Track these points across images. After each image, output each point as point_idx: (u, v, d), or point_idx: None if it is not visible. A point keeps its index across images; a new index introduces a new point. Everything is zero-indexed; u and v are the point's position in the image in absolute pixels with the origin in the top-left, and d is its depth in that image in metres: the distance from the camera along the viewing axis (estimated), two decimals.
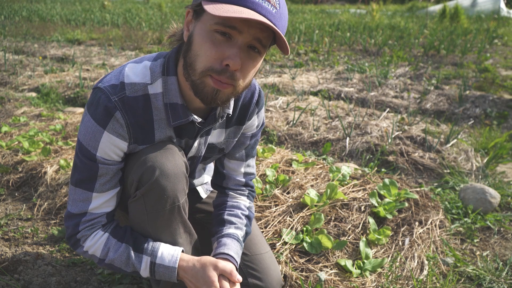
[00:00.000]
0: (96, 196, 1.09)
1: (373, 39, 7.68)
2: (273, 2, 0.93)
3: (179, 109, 1.08)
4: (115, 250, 1.11)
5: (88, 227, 1.12)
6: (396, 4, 19.53)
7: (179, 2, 19.69)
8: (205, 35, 0.94)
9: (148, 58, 1.12)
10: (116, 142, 1.06)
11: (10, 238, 1.87)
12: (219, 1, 0.91)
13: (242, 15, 0.85)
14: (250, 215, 1.36)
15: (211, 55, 0.94)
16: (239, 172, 1.38)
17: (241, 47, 0.94)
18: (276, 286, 1.34)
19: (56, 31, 9.17)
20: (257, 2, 0.90)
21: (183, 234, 1.17)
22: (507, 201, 2.29)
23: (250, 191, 1.42)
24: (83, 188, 1.09)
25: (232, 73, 0.95)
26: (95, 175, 1.07)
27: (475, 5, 13.63)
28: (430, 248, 1.83)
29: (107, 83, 1.05)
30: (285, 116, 3.49)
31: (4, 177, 2.36)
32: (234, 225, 1.29)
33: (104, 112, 1.02)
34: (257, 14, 0.89)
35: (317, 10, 16.57)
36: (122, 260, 1.11)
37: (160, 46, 7.44)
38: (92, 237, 1.12)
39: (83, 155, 1.06)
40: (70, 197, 1.11)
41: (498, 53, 6.78)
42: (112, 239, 1.13)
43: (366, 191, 2.11)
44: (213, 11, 0.86)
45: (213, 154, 1.31)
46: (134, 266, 1.11)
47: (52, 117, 3.40)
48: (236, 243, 1.23)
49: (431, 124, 3.46)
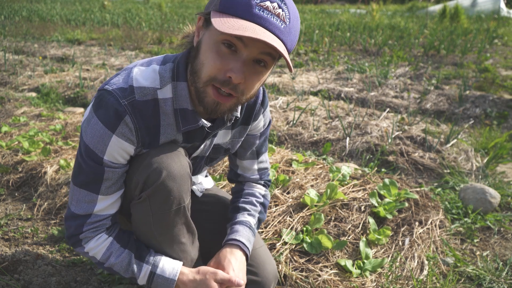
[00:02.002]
0: (101, 198, 1.09)
1: (373, 39, 7.68)
2: (283, 17, 0.92)
3: (189, 114, 1.08)
4: (117, 255, 1.12)
5: (92, 229, 1.11)
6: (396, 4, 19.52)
7: (179, 2, 19.70)
8: (212, 45, 0.95)
9: (156, 61, 1.11)
10: (124, 146, 1.05)
11: (10, 238, 1.87)
12: (228, 13, 0.90)
13: (245, 33, 0.85)
14: (265, 202, 1.42)
15: (216, 65, 0.95)
16: (252, 169, 1.42)
17: (246, 61, 0.95)
18: (272, 280, 1.35)
19: (56, 31, 9.17)
20: (265, 17, 0.90)
21: (186, 234, 1.18)
22: (507, 201, 2.29)
23: (265, 181, 1.48)
24: (88, 190, 1.08)
25: (235, 85, 0.96)
26: (101, 178, 1.06)
27: (475, 5, 13.63)
28: (430, 248, 1.83)
29: (115, 85, 1.04)
30: (285, 116, 3.49)
31: (4, 177, 2.36)
32: (248, 212, 1.34)
33: (114, 116, 1.01)
34: (262, 31, 0.88)
35: (317, 10, 16.57)
36: (123, 266, 1.12)
37: (160, 46, 7.44)
38: (95, 239, 1.11)
39: (89, 157, 1.04)
40: (74, 198, 1.10)
41: (498, 53, 6.78)
42: (116, 244, 1.12)
43: (366, 191, 2.11)
44: (218, 26, 0.86)
45: (219, 154, 1.32)
46: (133, 273, 1.12)
47: (52, 117, 3.40)
48: (247, 229, 1.28)
49: (431, 124, 3.46)
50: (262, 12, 0.89)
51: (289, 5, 0.93)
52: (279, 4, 0.91)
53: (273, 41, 0.88)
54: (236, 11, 0.90)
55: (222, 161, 2.42)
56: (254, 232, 1.32)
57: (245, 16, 0.89)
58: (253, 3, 0.89)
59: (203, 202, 1.50)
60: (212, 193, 1.55)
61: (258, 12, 0.89)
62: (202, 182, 1.56)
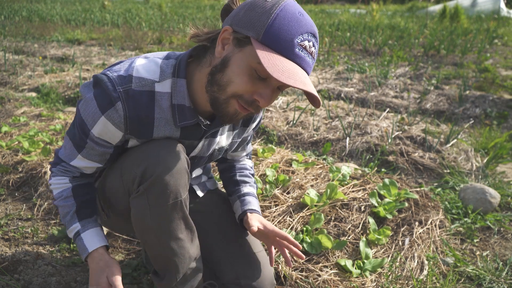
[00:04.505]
0: (80, 158, 1.17)
1: (373, 39, 7.68)
2: (314, 54, 0.98)
3: (186, 111, 1.10)
4: (65, 201, 1.21)
5: (62, 170, 1.22)
6: (396, 4, 19.51)
7: (179, 2, 19.70)
8: (244, 67, 0.97)
9: (160, 55, 1.14)
10: (111, 129, 1.09)
11: (10, 238, 1.87)
12: (271, 48, 0.94)
13: (296, 84, 0.90)
14: (253, 173, 1.58)
15: (246, 88, 0.99)
16: (242, 156, 1.55)
17: (274, 88, 1.01)
18: (268, 286, 1.34)
19: (56, 31, 9.17)
20: (303, 57, 0.96)
21: (184, 230, 1.18)
22: (507, 201, 2.29)
23: (249, 154, 1.59)
24: (73, 145, 1.16)
25: (258, 106, 1.02)
26: (83, 145, 1.14)
27: (475, 5, 13.63)
28: (430, 248, 1.83)
29: (115, 73, 1.07)
30: (285, 116, 3.49)
31: (4, 177, 2.36)
32: (249, 183, 1.48)
33: (107, 100, 1.05)
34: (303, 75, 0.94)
35: (317, 10, 16.57)
36: (63, 212, 1.22)
37: (160, 46, 7.44)
38: (58, 178, 1.22)
39: (79, 125, 1.11)
40: (64, 143, 1.20)
41: (498, 53, 6.78)
42: (69, 191, 1.21)
43: (366, 191, 2.11)
44: (268, 67, 0.89)
45: (220, 154, 1.37)
46: (66, 222, 1.21)
47: (52, 117, 3.40)
48: (255, 200, 1.44)
49: (431, 124, 3.46)
50: (301, 52, 0.95)
51: (318, 40, 1.00)
52: (314, 43, 0.98)
53: (309, 87, 0.94)
54: (280, 49, 0.93)
55: None
56: (258, 200, 1.47)
57: (288, 55, 0.94)
58: (295, 42, 0.94)
59: (205, 204, 1.50)
60: (214, 194, 1.55)
61: (298, 53, 0.95)
62: (205, 182, 1.56)
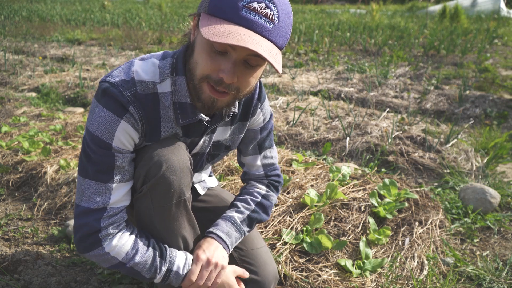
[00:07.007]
0: (116, 187, 1.05)
1: (373, 39, 7.68)
2: (271, 17, 0.92)
3: (188, 108, 1.10)
4: (142, 254, 1.08)
5: (113, 225, 1.06)
6: (396, 4, 19.52)
7: (179, 2, 19.70)
8: (204, 45, 0.97)
9: (156, 56, 1.13)
10: (131, 132, 1.05)
11: (10, 238, 1.87)
12: (216, 15, 0.92)
13: (229, 40, 0.86)
14: (263, 203, 1.35)
15: (208, 66, 0.97)
16: (256, 165, 1.40)
17: (236, 62, 0.95)
18: (272, 281, 1.35)
19: (56, 31, 9.17)
20: (252, 20, 0.90)
21: (187, 227, 1.19)
22: (507, 201, 2.29)
23: (271, 181, 1.42)
24: (101, 180, 1.04)
25: (227, 84, 0.97)
26: (113, 165, 1.04)
27: (475, 5, 13.63)
28: (430, 248, 1.83)
29: (117, 78, 1.05)
30: (285, 116, 3.49)
31: (4, 177, 2.36)
32: (236, 208, 1.32)
33: (118, 105, 1.03)
34: (247, 36, 0.88)
35: (317, 10, 16.57)
36: (147, 265, 1.08)
37: (160, 46, 7.44)
38: (118, 237, 1.06)
39: (98, 146, 1.03)
40: (85, 193, 1.05)
41: (498, 53, 6.78)
42: (139, 242, 1.09)
43: (366, 191, 2.11)
44: (204, 32, 0.88)
45: (220, 151, 1.33)
46: (155, 273, 1.09)
47: (52, 117, 3.40)
48: (228, 224, 1.25)
49: (431, 124, 3.46)
50: (249, 14, 0.90)
51: (278, 3, 0.93)
52: (267, 4, 0.91)
53: (257, 46, 0.88)
54: (224, 14, 0.91)
55: (222, 160, 2.42)
56: (239, 227, 1.27)
57: (233, 19, 0.90)
58: (240, 5, 0.90)
59: (206, 201, 1.51)
60: (215, 192, 1.56)
61: (245, 15, 0.90)
62: (206, 180, 1.57)
